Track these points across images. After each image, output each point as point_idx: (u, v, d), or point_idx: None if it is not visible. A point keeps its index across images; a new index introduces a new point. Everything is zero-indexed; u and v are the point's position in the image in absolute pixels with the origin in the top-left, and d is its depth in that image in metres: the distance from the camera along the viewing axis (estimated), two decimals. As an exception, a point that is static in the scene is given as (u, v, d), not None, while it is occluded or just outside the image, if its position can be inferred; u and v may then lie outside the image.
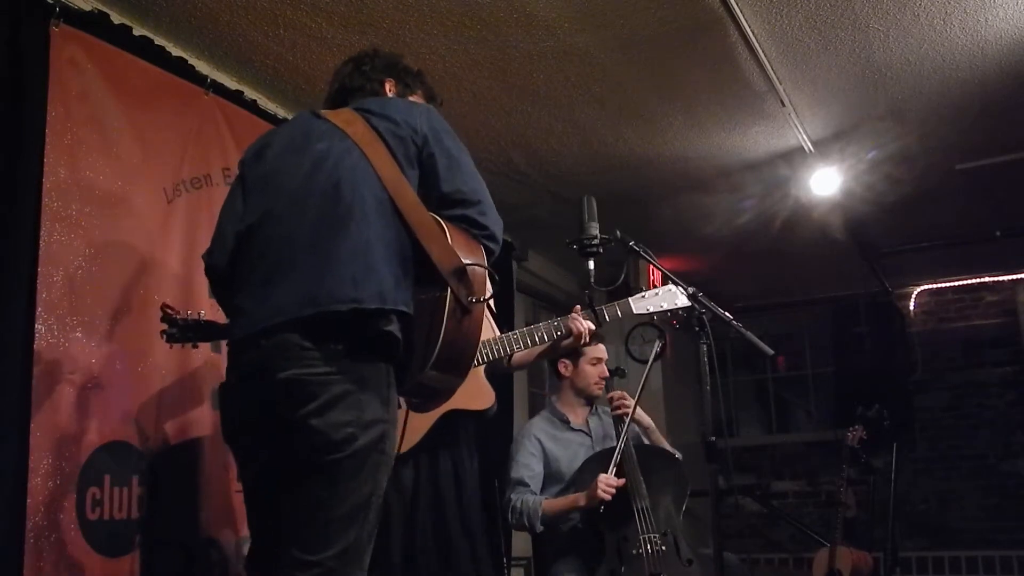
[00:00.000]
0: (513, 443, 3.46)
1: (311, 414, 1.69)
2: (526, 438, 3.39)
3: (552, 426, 3.45)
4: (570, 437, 3.43)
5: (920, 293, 7.08)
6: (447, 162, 1.92)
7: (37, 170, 2.54)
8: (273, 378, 1.72)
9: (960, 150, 4.49)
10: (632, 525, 3.02)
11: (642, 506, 3.03)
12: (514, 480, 3.29)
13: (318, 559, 1.68)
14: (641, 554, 2.94)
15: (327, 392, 1.70)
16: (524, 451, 3.35)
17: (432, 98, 2.29)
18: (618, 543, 3.01)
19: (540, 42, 3.35)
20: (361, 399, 1.73)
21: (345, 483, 1.71)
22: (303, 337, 1.72)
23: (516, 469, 3.31)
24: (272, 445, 1.77)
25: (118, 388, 2.71)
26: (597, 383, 3.44)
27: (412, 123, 1.93)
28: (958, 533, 6.56)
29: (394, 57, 2.28)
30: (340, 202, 1.80)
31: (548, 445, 3.37)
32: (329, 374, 1.71)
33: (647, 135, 4.24)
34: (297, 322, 1.72)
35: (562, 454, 3.36)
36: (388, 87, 2.19)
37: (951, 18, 3.30)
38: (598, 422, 3.50)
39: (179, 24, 3.10)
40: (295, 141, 1.97)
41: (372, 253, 1.77)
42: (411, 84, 2.24)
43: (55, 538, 2.45)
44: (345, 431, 1.70)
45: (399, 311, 1.78)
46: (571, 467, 3.32)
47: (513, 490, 3.27)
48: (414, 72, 2.28)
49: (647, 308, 2.84)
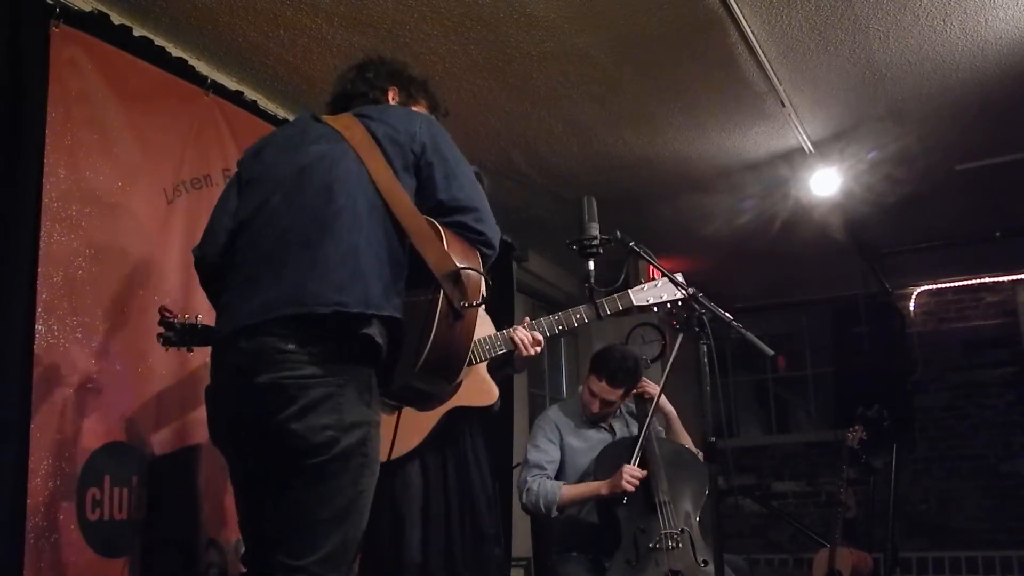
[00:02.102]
0: (533, 426, 3.46)
1: (291, 418, 1.68)
2: (546, 423, 3.39)
3: (573, 419, 3.41)
4: (591, 434, 3.39)
5: (920, 293, 7.08)
6: (445, 171, 1.92)
7: (37, 171, 2.54)
8: (252, 382, 1.71)
9: (960, 150, 4.49)
10: (652, 518, 3.00)
11: (664, 500, 3.02)
12: (532, 463, 3.28)
13: (303, 564, 1.67)
14: (659, 548, 2.93)
15: (306, 396, 1.69)
16: (542, 435, 3.34)
17: (435, 108, 2.28)
18: (635, 534, 2.99)
19: (540, 42, 3.35)
20: (341, 402, 1.72)
21: (328, 486, 1.70)
22: (284, 338, 1.71)
23: (533, 453, 3.31)
24: (256, 448, 1.77)
25: (118, 389, 2.72)
26: (587, 409, 3.39)
27: (411, 131, 1.93)
28: (958, 533, 6.56)
29: (400, 65, 2.27)
30: (332, 204, 1.80)
31: (567, 435, 3.36)
32: (308, 377, 1.70)
33: (647, 135, 4.24)
34: (279, 321, 1.72)
35: (581, 447, 3.34)
36: (391, 95, 2.19)
37: (951, 19, 3.30)
38: (621, 423, 3.47)
39: (179, 25, 3.11)
40: (292, 142, 1.98)
41: (360, 257, 1.77)
42: (414, 94, 2.24)
43: (55, 538, 2.45)
44: (326, 434, 1.69)
45: (383, 316, 1.77)
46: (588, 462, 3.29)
47: (530, 472, 3.26)
48: (419, 81, 2.27)
49: (647, 299, 2.81)
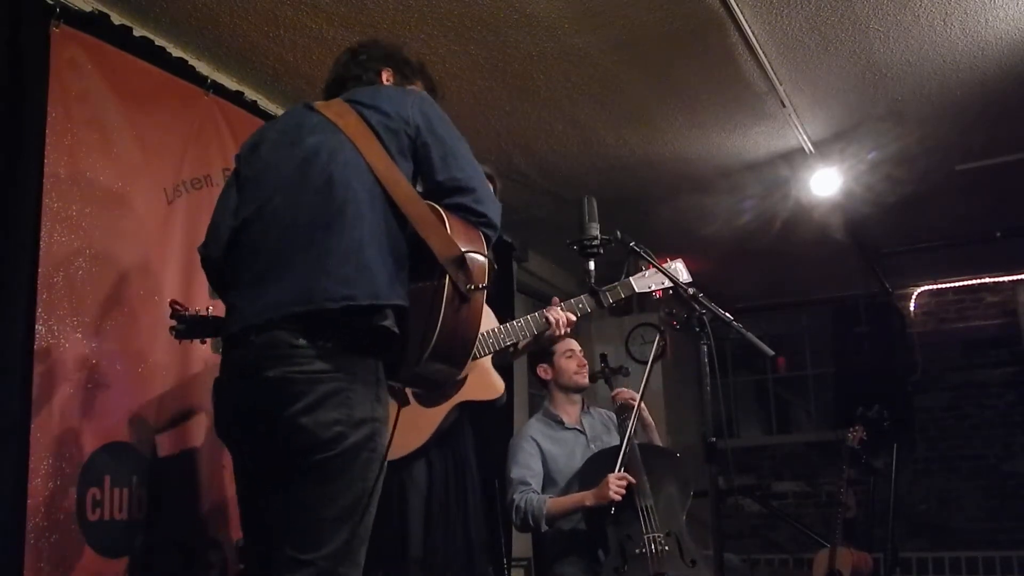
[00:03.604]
0: (510, 446, 3.47)
1: (300, 412, 1.68)
2: (523, 440, 3.39)
3: (547, 427, 3.46)
4: (566, 436, 3.44)
5: (920, 294, 7.08)
6: (441, 151, 1.90)
7: (37, 171, 2.54)
8: (262, 377, 1.71)
9: (960, 151, 4.49)
10: (636, 524, 3.00)
11: (646, 504, 3.03)
12: (516, 480, 3.29)
13: (311, 559, 1.67)
14: (645, 553, 2.93)
15: (315, 391, 1.69)
16: (522, 452, 3.35)
17: (432, 90, 2.23)
18: (621, 542, 3.00)
19: (540, 43, 3.35)
20: (351, 397, 1.72)
21: (336, 482, 1.70)
22: (294, 334, 1.71)
23: (516, 470, 3.31)
24: (263, 443, 1.77)
25: (118, 389, 2.72)
26: (578, 372, 3.45)
27: (403, 114, 1.91)
28: (958, 533, 6.55)
29: (393, 47, 2.24)
30: (333, 199, 1.79)
31: (545, 445, 3.38)
32: (318, 372, 1.70)
33: (647, 136, 4.24)
34: (290, 318, 1.71)
35: (559, 453, 3.38)
36: (385, 76, 2.15)
37: (951, 19, 3.30)
38: (591, 420, 3.52)
39: (179, 25, 3.11)
40: (288, 135, 1.96)
41: (365, 250, 1.76)
42: (409, 75, 2.20)
43: (55, 538, 2.45)
44: (334, 429, 1.69)
45: (393, 305, 1.77)
46: (569, 466, 3.33)
47: (515, 490, 3.26)
48: (413, 63, 2.24)
49: (649, 286, 2.81)
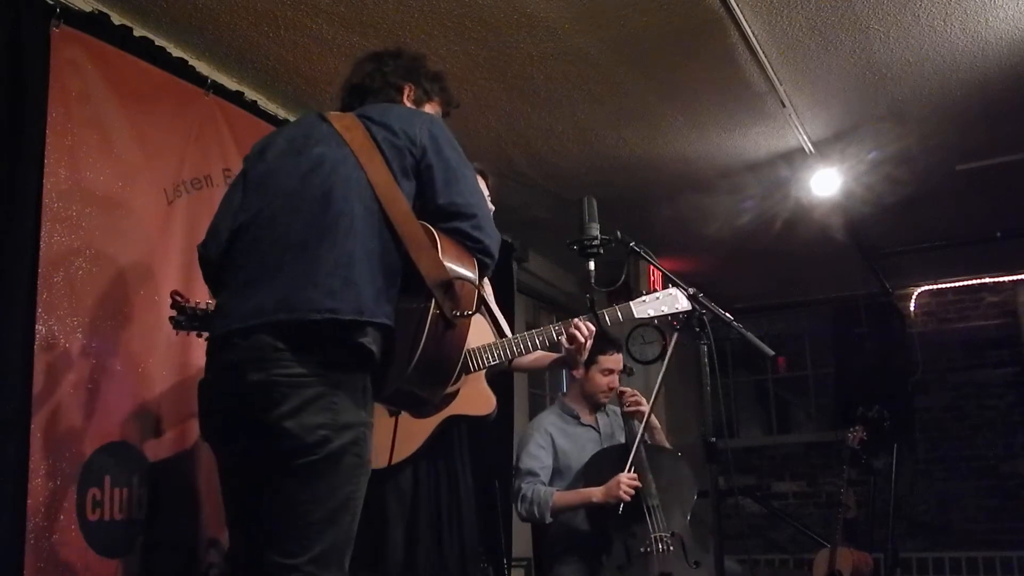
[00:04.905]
0: (523, 434, 3.49)
1: (284, 416, 1.68)
2: (536, 431, 3.41)
3: (562, 420, 3.48)
4: (579, 432, 3.46)
5: (920, 294, 7.08)
6: (445, 174, 1.90)
7: (37, 171, 2.54)
8: (247, 379, 1.71)
9: (960, 151, 4.49)
10: (641, 523, 3.02)
11: (652, 504, 3.04)
12: (524, 470, 3.31)
13: (295, 563, 1.67)
14: (649, 552, 2.95)
15: (300, 394, 1.69)
16: (534, 443, 3.37)
17: (448, 103, 2.26)
18: (625, 540, 3.01)
19: (540, 43, 3.35)
20: (335, 402, 1.72)
21: (321, 485, 1.70)
22: (277, 339, 1.71)
23: (526, 460, 3.33)
24: (248, 446, 1.77)
25: (118, 389, 2.72)
26: (604, 393, 3.46)
27: (411, 133, 1.91)
28: (958, 534, 6.55)
29: (417, 60, 2.23)
30: (329, 210, 1.80)
31: (558, 439, 3.40)
32: (303, 376, 1.70)
33: (647, 136, 4.24)
34: (274, 325, 1.72)
35: (571, 448, 3.39)
36: (407, 92, 2.16)
37: (951, 19, 3.30)
38: (607, 419, 3.54)
39: (179, 25, 3.11)
40: (295, 143, 1.97)
41: (355, 265, 1.76)
42: (430, 91, 2.20)
43: (55, 538, 2.45)
44: (319, 433, 1.69)
45: (376, 323, 1.77)
46: (579, 461, 3.34)
47: (523, 480, 3.28)
48: (434, 76, 2.23)
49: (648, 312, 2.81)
